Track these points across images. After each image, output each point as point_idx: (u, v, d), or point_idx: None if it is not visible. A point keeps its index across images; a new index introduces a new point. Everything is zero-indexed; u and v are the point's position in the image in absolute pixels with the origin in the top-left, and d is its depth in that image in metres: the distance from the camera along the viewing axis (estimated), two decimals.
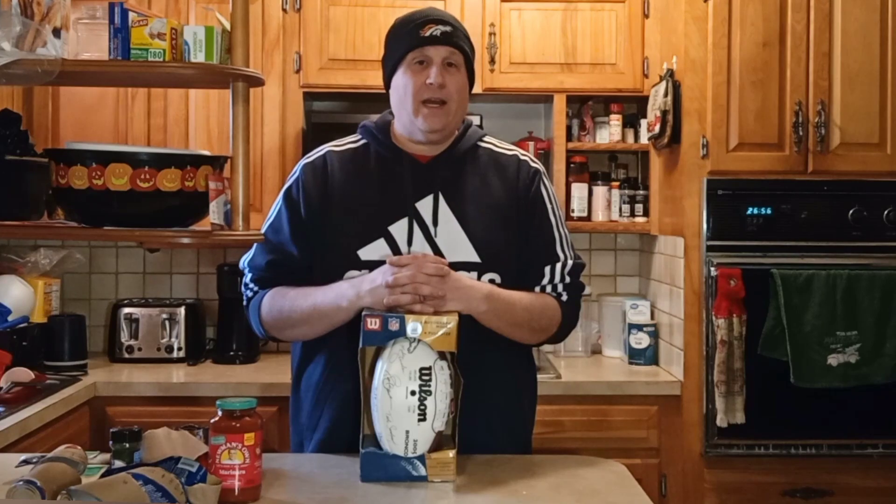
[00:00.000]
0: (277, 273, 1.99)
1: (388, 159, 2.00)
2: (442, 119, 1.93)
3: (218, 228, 1.64)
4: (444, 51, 1.93)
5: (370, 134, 2.03)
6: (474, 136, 2.04)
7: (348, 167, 2.00)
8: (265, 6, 3.29)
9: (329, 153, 2.03)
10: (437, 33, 1.92)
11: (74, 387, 2.89)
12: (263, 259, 2.00)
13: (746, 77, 2.97)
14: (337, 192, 1.97)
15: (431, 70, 1.92)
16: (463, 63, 1.97)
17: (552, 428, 2.94)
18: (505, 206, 1.98)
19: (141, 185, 1.57)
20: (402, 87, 1.95)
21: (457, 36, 1.95)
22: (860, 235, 2.99)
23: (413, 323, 1.70)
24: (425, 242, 1.92)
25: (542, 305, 1.96)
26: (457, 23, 1.99)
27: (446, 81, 1.92)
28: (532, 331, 1.97)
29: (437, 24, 1.93)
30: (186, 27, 1.69)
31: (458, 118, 1.99)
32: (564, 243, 2.02)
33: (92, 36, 1.70)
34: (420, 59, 1.93)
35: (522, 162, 2.04)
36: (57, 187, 1.62)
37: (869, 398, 2.95)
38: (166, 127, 3.28)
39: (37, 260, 3.30)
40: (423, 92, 1.92)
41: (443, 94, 1.92)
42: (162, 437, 1.67)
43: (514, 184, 2.01)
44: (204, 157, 1.67)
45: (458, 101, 1.96)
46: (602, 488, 1.73)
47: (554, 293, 1.99)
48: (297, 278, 1.97)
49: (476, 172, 2.00)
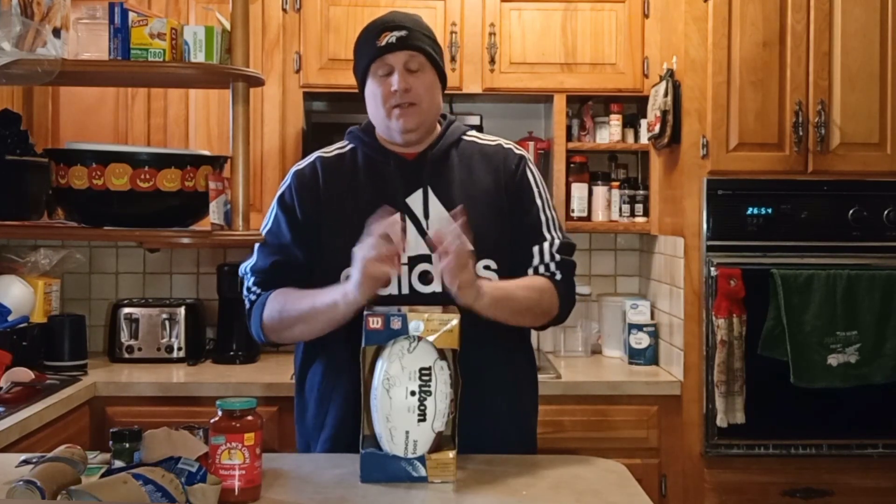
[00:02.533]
0: (282, 274, 2.00)
1: (375, 160, 2.04)
2: (415, 118, 1.97)
3: (218, 228, 1.65)
4: (402, 56, 1.96)
5: (357, 138, 2.07)
6: (458, 131, 2.08)
7: (338, 171, 2.04)
8: (265, 6, 3.28)
9: (318, 159, 2.08)
10: (393, 40, 1.95)
11: (74, 387, 2.89)
12: (267, 261, 2.01)
13: (746, 77, 2.97)
14: (328, 195, 2.01)
15: (393, 77, 1.95)
16: (426, 62, 1.99)
17: (552, 428, 2.93)
18: (493, 194, 2.02)
19: (141, 185, 1.58)
20: (371, 96, 2.00)
21: (414, 38, 1.97)
22: (860, 235, 2.99)
23: (415, 321, 1.70)
24: (418, 236, 1.95)
25: (539, 288, 1.98)
26: (415, 24, 2.00)
27: (411, 84, 1.96)
28: (534, 315, 2.00)
29: (392, 31, 1.96)
30: (186, 27, 1.69)
31: (431, 115, 2.02)
32: (551, 224, 2.05)
33: (92, 36, 1.71)
34: (382, 67, 1.97)
35: (507, 150, 2.09)
36: (57, 187, 1.62)
37: (869, 398, 2.95)
38: (166, 127, 3.28)
39: (37, 260, 3.30)
40: (391, 98, 1.96)
41: (410, 97, 1.96)
42: (162, 437, 1.67)
43: (500, 171, 2.05)
44: (204, 157, 1.68)
45: (429, 100, 1.99)
46: (602, 488, 1.73)
47: (547, 273, 2.01)
48: (299, 280, 1.98)
49: (462, 164, 2.04)
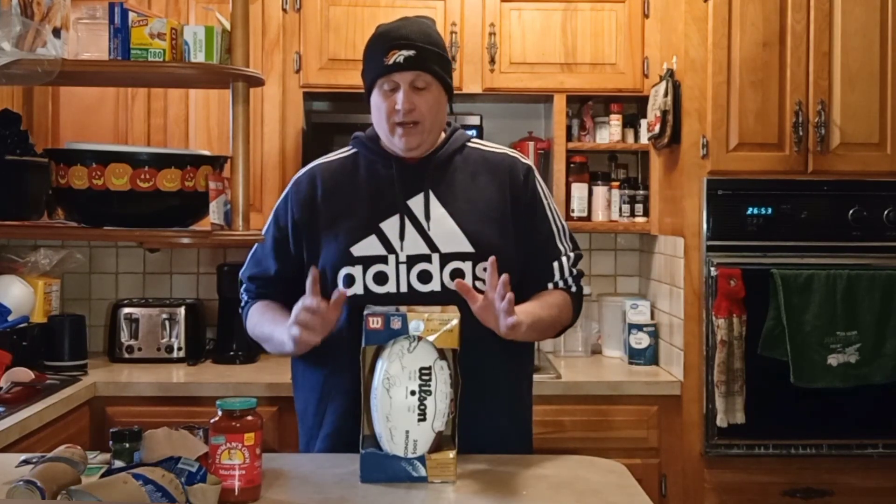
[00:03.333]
0: (258, 285, 2.09)
1: (377, 163, 2.04)
2: (417, 138, 1.98)
3: (218, 228, 1.65)
4: (409, 76, 1.95)
5: (361, 144, 2.08)
6: (461, 139, 2.08)
7: (338, 175, 2.06)
8: (265, 6, 3.28)
9: (317, 167, 2.10)
10: (401, 59, 1.93)
11: (74, 387, 2.89)
12: (247, 273, 2.13)
13: (746, 77, 2.97)
14: (326, 199, 2.03)
15: (398, 95, 1.95)
16: (433, 81, 1.98)
17: (552, 428, 2.93)
18: (497, 201, 2.02)
19: (141, 185, 1.58)
20: (376, 108, 2.01)
21: (422, 59, 1.95)
22: (860, 235, 2.99)
23: (415, 321, 1.70)
24: (418, 236, 1.96)
25: (558, 304, 2.04)
26: (425, 40, 1.97)
27: (415, 104, 1.95)
28: (555, 330, 2.08)
29: (400, 50, 1.94)
30: (186, 27, 1.69)
31: (433, 134, 2.02)
32: (563, 235, 2.09)
33: (92, 36, 1.71)
34: (388, 84, 1.96)
35: (513, 159, 2.09)
36: (57, 187, 1.62)
37: (869, 398, 2.95)
38: (166, 127, 3.28)
39: (37, 260, 3.30)
40: (395, 115, 1.96)
41: (413, 117, 1.96)
42: (162, 437, 1.67)
43: (506, 180, 2.05)
44: (204, 157, 1.68)
45: (432, 119, 1.98)
46: (602, 488, 1.73)
47: (565, 286, 2.07)
48: (277, 291, 2.05)
49: (465, 171, 2.05)
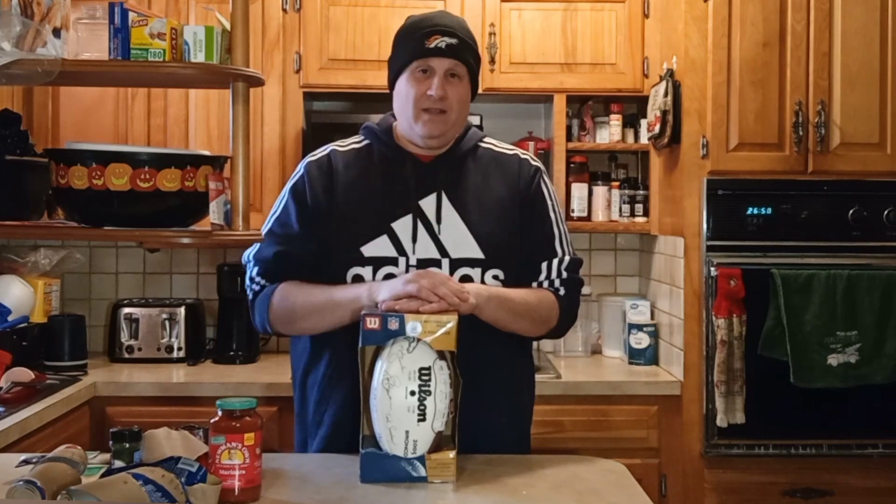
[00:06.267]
0: (286, 265, 1.97)
1: (391, 159, 2.02)
2: (440, 126, 1.96)
3: (218, 228, 1.65)
4: (447, 63, 1.94)
5: (373, 135, 2.05)
6: (475, 137, 2.07)
7: (352, 166, 2.02)
8: (265, 6, 3.28)
9: (333, 152, 2.05)
10: (443, 45, 1.93)
11: (74, 387, 2.89)
12: (271, 251, 1.97)
13: (746, 77, 2.97)
14: (341, 189, 1.99)
15: (433, 81, 1.94)
16: (466, 73, 1.98)
17: (552, 428, 2.94)
18: (507, 204, 2.01)
19: (141, 185, 1.58)
20: (404, 93, 1.97)
21: (462, 48, 1.96)
22: (860, 235, 2.99)
23: (413, 322, 1.70)
24: (429, 239, 1.94)
25: (538, 297, 1.99)
26: (464, 33, 1.99)
27: (448, 93, 1.94)
28: (533, 322, 1.98)
29: (443, 36, 1.94)
30: (186, 27, 1.69)
31: (457, 127, 2.01)
32: (563, 240, 2.05)
33: (92, 36, 1.71)
34: (423, 68, 1.95)
35: (523, 160, 2.08)
36: (57, 187, 1.62)
37: (869, 398, 2.95)
38: (166, 127, 3.28)
39: (37, 260, 3.30)
40: (424, 101, 1.94)
41: (443, 105, 1.95)
42: (162, 437, 1.67)
43: (515, 181, 2.04)
44: (204, 157, 1.68)
45: (458, 111, 1.98)
46: (602, 488, 1.73)
47: (551, 288, 2.01)
48: (304, 272, 1.96)
49: (478, 171, 2.03)
